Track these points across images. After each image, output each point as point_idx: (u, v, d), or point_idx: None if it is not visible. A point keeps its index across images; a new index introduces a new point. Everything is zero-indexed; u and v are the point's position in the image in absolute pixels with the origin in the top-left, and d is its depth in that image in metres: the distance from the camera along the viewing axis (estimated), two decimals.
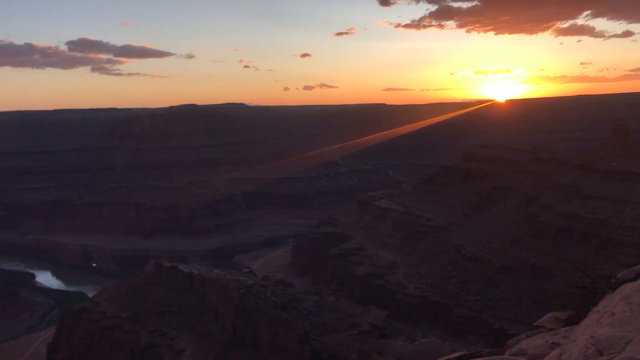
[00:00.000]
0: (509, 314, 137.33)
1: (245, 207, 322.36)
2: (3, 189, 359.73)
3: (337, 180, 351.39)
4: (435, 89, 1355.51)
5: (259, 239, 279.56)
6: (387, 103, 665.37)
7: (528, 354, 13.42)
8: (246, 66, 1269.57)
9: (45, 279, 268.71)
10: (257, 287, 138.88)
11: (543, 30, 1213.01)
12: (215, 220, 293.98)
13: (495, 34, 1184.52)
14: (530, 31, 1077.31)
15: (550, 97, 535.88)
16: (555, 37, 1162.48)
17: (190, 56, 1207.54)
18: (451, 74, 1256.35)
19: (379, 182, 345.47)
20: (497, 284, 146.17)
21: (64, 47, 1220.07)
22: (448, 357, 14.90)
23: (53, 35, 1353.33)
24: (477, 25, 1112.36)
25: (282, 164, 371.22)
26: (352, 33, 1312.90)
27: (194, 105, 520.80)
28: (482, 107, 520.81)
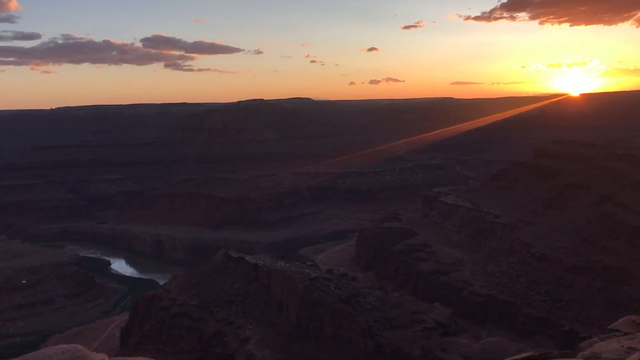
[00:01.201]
0: (580, 315, 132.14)
1: (310, 200, 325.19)
2: (83, 180, 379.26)
3: (403, 175, 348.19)
4: (506, 82, 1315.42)
5: (323, 232, 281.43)
6: (455, 97, 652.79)
7: (602, 357, 13.03)
8: (312, 61, 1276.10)
9: (120, 266, 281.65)
10: (321, 280, 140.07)
11: (623, 20, 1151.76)
12: (281, 213, 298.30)
13: (571, 25, 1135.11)
14: (609, 21, 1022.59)
15: (629, 91, 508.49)
16: (637, 27, 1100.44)
17: (259, 52, 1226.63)
18: (522, 67, 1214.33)
19: (445, 178, 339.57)
20: (567, 284, 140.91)
21: (139, 44, 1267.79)
22: (515, 357, 14.74)
23: (129, 32, 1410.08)
24: (552, 17, 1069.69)
25: (347, 158, 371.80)
26: (420, 26, 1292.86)
27: (262, 100, 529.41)
28: (554, 101, 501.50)
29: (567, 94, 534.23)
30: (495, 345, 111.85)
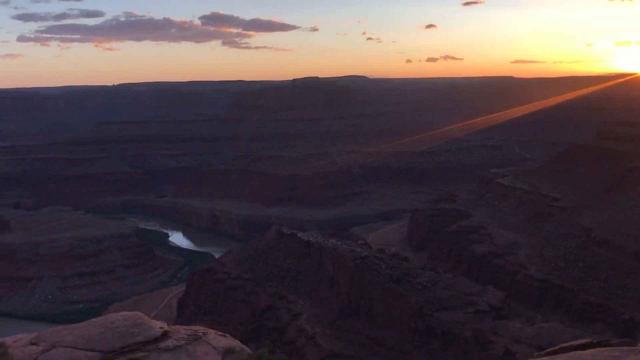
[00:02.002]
0: None
1: (362, 180, 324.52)
2: (143, 155, 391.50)
3: (459, 155, 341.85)
4: (570, 61, 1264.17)
5: (375, 211, 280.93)
6: (516, 76, 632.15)
7: None
8: (369, 38, 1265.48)
9: (177, 238, 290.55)
10: (372, 259, 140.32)
11: None
12: (333, 192, 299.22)
13: None
14: None
15: None
16: None
17: (314, 29, 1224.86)
18: (588, 45, 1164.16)
19: (503, 159, 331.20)
20: (628, 271, 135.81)
21: (198, 22, 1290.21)
22: (572, 343, 14.41)
23: (188, 10, 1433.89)
24: None
25: (402, 137, 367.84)
26: (480, 2, 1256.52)
27: (316, 78, 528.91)
28: (622, 81, 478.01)
29: (636, 74, 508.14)
30: (550, 330, 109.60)
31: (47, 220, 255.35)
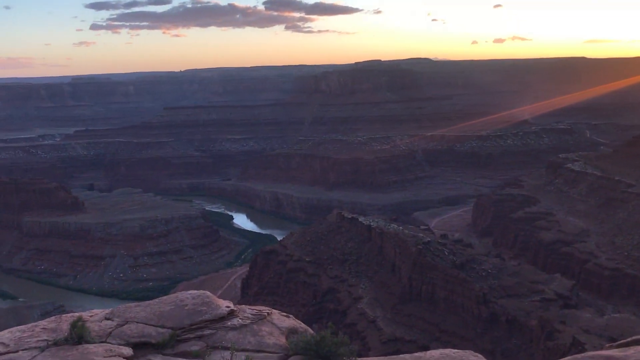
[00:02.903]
0: None
1: (425, 164, 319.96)
2: (209, 139, 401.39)
3: (526, 139, 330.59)
4: None
5: (438, 197, 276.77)
6: (588, 57, 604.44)
7: None
8: (434, 19, 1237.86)
9: (241, 220, 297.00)
10: (434, 245, 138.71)
11: None
12: (395, 176, 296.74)
13: None
14: None
15: None
16: None
17: (377, 12, 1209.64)
18: None
19: (573, 143, 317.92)
20: None
21: (262, 7, 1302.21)
22: None
23: None
24: None
25: (467, 121, 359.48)
26: None
27: (379, 61, 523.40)
28: None
29: None
30: (621, 321, 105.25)
31: (119, 201, 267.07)
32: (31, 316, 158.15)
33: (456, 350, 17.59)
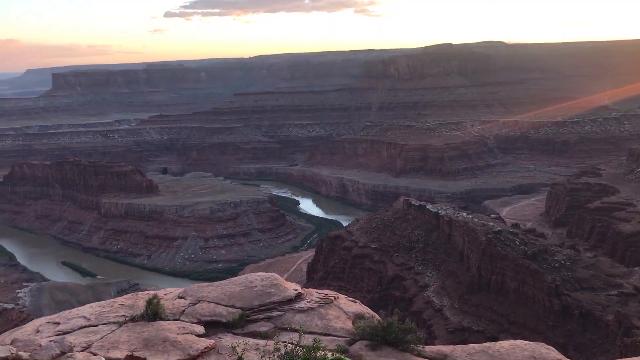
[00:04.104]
0: None
1: (497, 151, 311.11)
2: (277, 125, 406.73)
3: (606, 126, 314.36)
4: None
5: (510, 185, 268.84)
6: None
7: None
8: (507, 1, 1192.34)
9: (308, 206, 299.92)
10: (505, 234, 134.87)
11: None
12: (465, 163, 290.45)
13: None
14: None
15: None
16: None
17: None
18: None
19: None
20: None
21: None
22: None
23: None
24: None
25: (542, 106, 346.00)
26: None
27: (449, 44, 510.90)
28: None
29: None
30: None
31: (190, 184, 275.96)
32: (108, 293, 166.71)
33: (527, 342, 17.06)
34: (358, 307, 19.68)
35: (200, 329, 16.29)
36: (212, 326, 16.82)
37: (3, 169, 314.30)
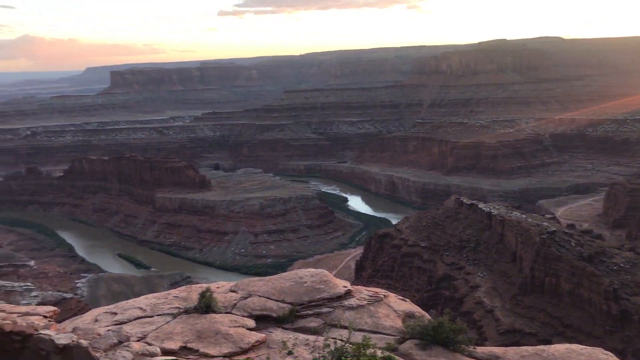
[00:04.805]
0: None
1: (553, 149, 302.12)
2: (326, 122, 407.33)
3: None
4: None
5: (566, 184, 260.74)
6: None
7: None
8: None
9: (356, 203, 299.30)
10: (560, 235, 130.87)
11: None
12: (519, 162, 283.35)
13: None
14: None
15: None
16: None
17: None
18: None
19: None
20: None
21: None
22: None
23: None
24: None
25: (600, 103, 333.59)
26: None
27: (504, 40, 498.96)
28: None
29: None
30: None
31: (241, 180, 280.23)
32: (161, 285, 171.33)
33: (584, 347, 16.51)
34: (408, 306, 19.52)
35: (251, 323, 16.53)
36: (263, 320, 17.03)
37: (63, 163, 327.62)
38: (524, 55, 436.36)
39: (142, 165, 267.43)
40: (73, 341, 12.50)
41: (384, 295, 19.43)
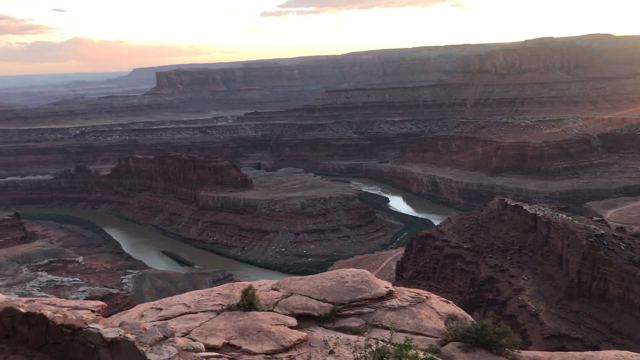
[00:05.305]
0: None
1: (602, 150, 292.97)
2: (368, 122, 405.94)
3: None
4: None
5: (615, 186, 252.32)
6: None
7: None
8: None
9: (397, 203, 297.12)
10: (609, 238, 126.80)
11: None
12: (566, 162, 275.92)
13: None
14: None
15: None
16: None
17: None
18: None
19: None
20: None
21: None
22: None
23: None
24: None
25: None
26: None
27: (551, 38, 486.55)
28: None
29: None
30: None
31: (282, 180, 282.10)
32: (204, 282, 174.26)
33: (634, 354, 16.00)
34: (451, 308, 19.29)
35: (292, 321, 16.63)
36: (304, 319, 17.10)
37: (111, 162, 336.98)
38: (572, 53, 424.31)
39: (186, 164, 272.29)
40: (120, 335, 12.83)
41: (426, 296, 19.26)
